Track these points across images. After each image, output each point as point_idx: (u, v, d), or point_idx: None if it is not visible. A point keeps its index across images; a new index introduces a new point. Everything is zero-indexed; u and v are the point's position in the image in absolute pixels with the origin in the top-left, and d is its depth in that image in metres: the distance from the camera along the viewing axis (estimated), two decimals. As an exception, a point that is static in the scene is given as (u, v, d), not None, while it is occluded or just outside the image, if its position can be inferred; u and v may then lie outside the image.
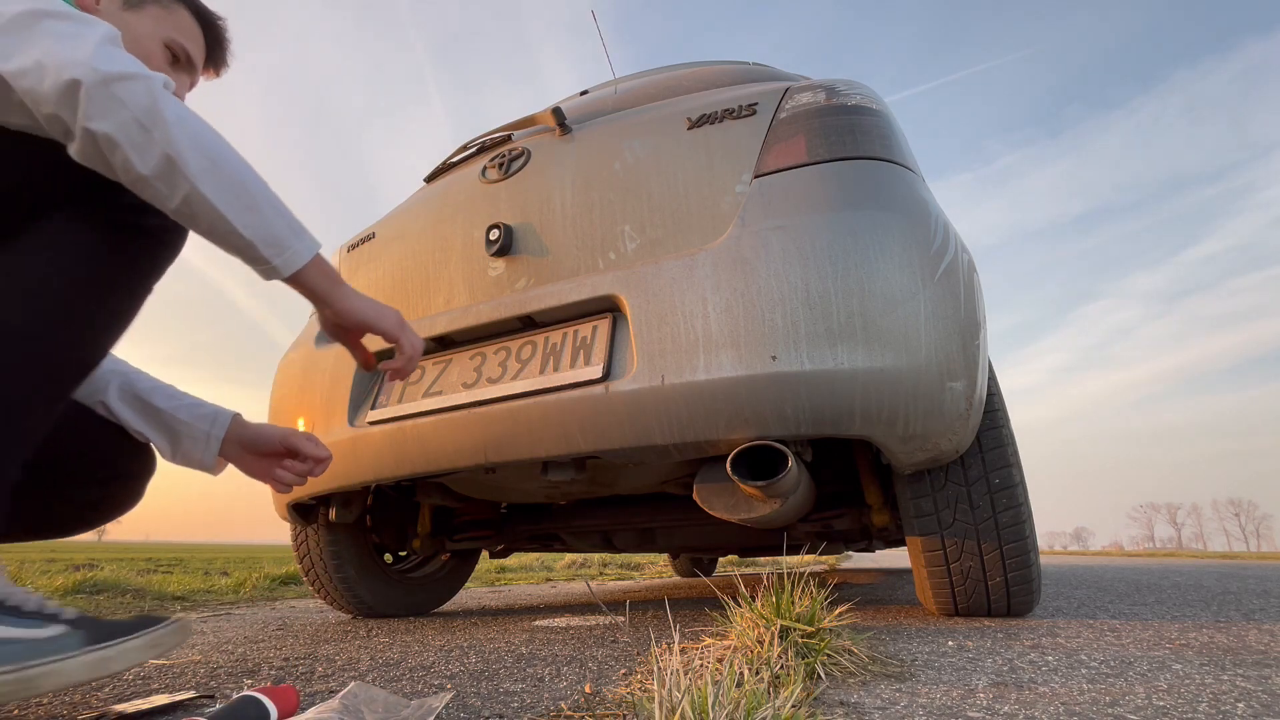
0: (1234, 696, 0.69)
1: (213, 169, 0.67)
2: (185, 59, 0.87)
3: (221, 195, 0.67)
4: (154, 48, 0.84)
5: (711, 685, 0.54)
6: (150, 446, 0.91)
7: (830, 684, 0.76)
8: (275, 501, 1.57)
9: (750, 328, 1.02)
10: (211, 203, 0.67)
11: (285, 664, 1.01)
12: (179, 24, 0.87)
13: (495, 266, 1.33)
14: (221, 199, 0.67)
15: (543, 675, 0.86)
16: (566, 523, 1.89)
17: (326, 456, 0.95)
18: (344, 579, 1.73)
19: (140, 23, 0.83)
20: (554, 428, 1.12)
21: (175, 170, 0.65)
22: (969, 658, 0.91)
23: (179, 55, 0.87)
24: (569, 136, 1.38)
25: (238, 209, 0.68)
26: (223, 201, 0.67)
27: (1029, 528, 1.22)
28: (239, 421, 0.93)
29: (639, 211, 1.22)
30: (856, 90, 1.23)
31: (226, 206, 0.67)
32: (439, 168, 1.64)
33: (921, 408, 1.02)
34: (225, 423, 0.92)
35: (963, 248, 1.15)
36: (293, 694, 0.63)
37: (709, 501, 1.14)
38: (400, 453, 1.27)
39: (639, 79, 1.71)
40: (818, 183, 1.10)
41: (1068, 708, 0.65)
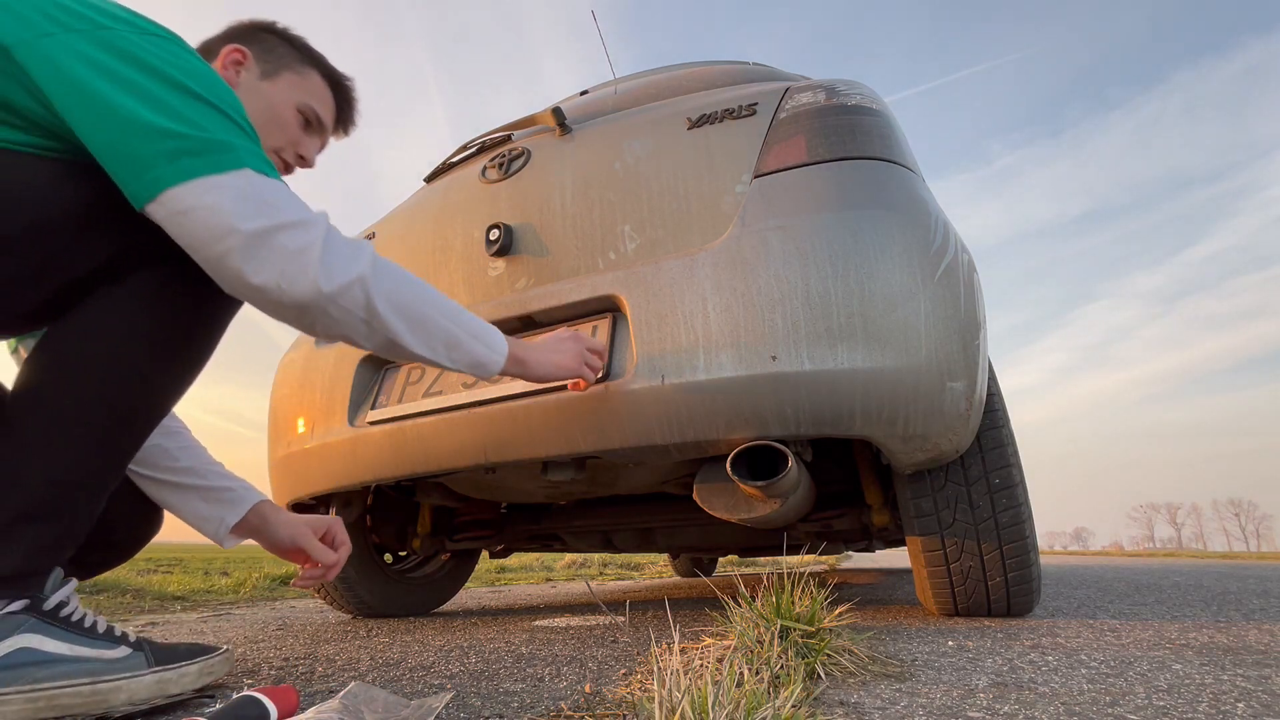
0: (1234, 696, 0.69)
1: (424, 331, 0.79)
2: (317, 122, 0.94)
3: (432, 347, 0.80)
4: (289, 114, 0.90)
5: (711, 685, 0.54)
6: (161, 512, 0.95)
7: (830, 684, 0.76)
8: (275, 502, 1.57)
9: (750, 328, 1.02)
10: (425, 356, 0.80)
11: (285, 664, 1.01)
12: (311, 88, 0.93)
13: (495, 266, 1.33)
14: (432, 350, 0.80)
15: (543, 675, 0.86)
16: (566, 523, 1.89)
17: (334, 562, 0.98)
18: (344, 579, 1.73)
19: (276, 91, 0.89)
20: (554, 428, 1.12)
21: (395, 345, 0.77)
22: (969, 658, 0.91)
23: (311, 119, 0.93)
24: (569, 136, 1.38)
25: (444, 354, 0.81)
26: (431, 351, 0.80)
27: (1029, 528, 1.22)
28: (256, 511, 0.95)
29: (639, 211, 1.22)
30: (856, 90, 1.23)
31: (434, 354, 0.81)
32: (439, 168, 1.64)
33: (921, 408, 1.02)
34: (242, 512, 0.93)
35: (963, 248, 1.15)
36: (293, 694, 0.63)
37: (709, 501, 1.14)
38: (400, 453, 1.27)
39: (639, 79, 1.71)
40: (818, 183, 1.10)
41: (1068, 708, 0.65)
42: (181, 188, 0.62)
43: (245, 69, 0.88)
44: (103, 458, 0.71)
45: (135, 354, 0.70)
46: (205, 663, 0.77)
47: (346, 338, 0.75)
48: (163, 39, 0.67)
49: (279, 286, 0.67)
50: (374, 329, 0.74)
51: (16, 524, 0.66)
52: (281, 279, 0.66)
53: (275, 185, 0.67)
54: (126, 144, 0.62)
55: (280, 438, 1.49)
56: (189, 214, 0.63)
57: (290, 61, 0.91)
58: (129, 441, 0.73)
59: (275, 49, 0.91)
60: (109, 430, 0.70)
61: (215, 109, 0.66)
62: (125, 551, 0.96)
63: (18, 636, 0.65)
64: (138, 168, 0.62)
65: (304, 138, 0.93)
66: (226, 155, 0.64)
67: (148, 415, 0.74)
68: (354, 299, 0.71)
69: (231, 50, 0.87)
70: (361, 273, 0.71)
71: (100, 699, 0.66)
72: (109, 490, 0.73)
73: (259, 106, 0.87)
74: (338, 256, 0.69)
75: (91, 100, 0.61)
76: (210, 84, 0.67)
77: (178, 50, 0.67)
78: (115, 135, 0.62)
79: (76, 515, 0.70)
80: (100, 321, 0.69)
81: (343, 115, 0.98)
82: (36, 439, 0.67)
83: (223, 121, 0.66)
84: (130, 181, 0.63)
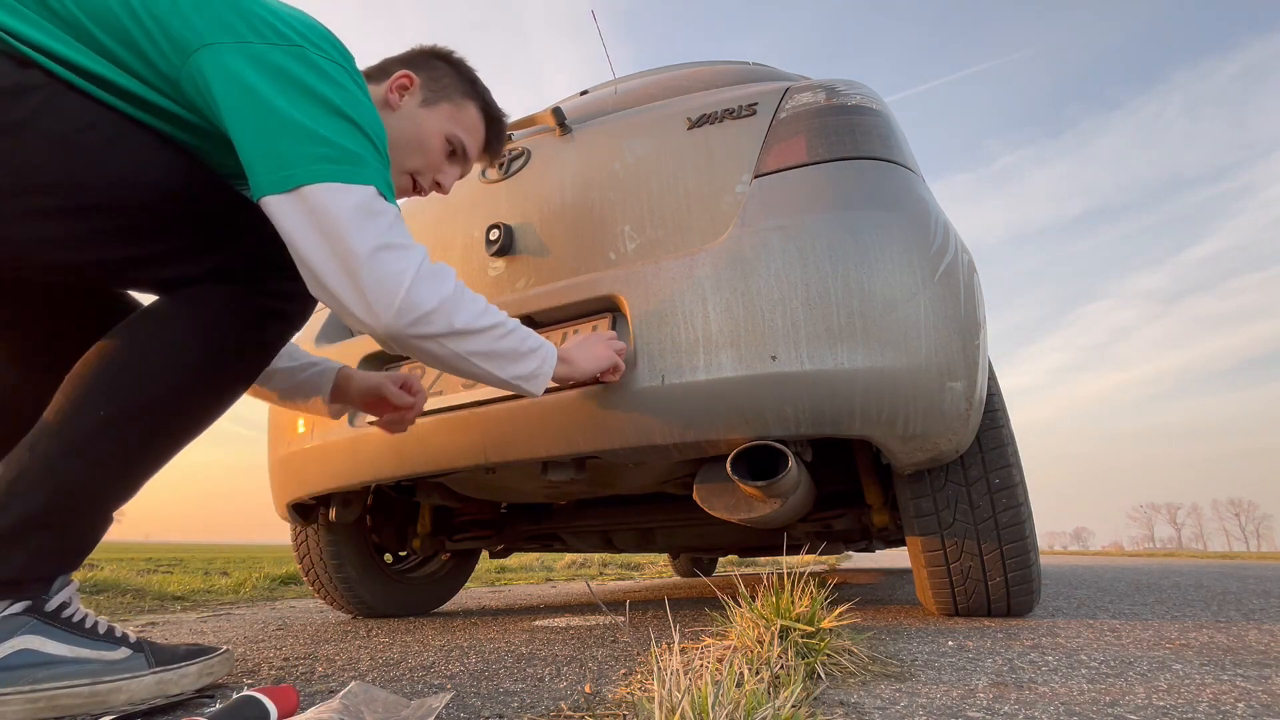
0: (1234, 696, 0.69)
1: (495, 359, 0.85)
2: (462, 152, 0.98)
3: (500, 368, 0.86)
4: (436, 142, 0.95)
5: (711, 685, 0.54)
6: None
7: (830, 684, 0.76)
8: (275, 501, 1.57)
9: (750, 327, 1.02)
10: (494, 375, 0.86)
11: (285, 664, 1.01)
12: (465, 120, 0.97)
13: (495, 266, 1.33)
14: (500, 370, 0.86)
15: (543, 675, 0.86)
16: (566, 523, 1.89)
17: (410, 405, 1.07)
18: (344, 579, 1.73)
19: (431, 118, 0.94)
20: (554, 428, 1.12)
21: (463, 370, 0.84)
22: (969, 658, 0.91)
23: (456, 149, 0.97)
24: (569, 136, 1.38)
25: (510, 373, 0.87)
26: (500, 369, 0.86)
27: (1029, 528, 1.22)
28: (341, 376, 1.07)
29: (639, 211, 1.22)
30: (856, 90, 1.22)
31: (502, 371, 0.87)
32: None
33: (921, 408, 1.02)
34: (330, 382, 1.06)
35: (963, 248, 1.15)
36: (293, 694, 0.63)
37: (709, 501, 1.14)
38: (400, 453, 1.27)
39: (639, 79, 1.71)
40: (818, 183, 1.10)
41: (1068, 708, 0.65)
42: (312, 187, 0.67)
43: (410, 94, 0.93)
44: (123, 476, 0.72)
45: (184, 377, 0.72)
46: (205, 663, 0.77)
47: (418, 357, 0.80)
48: (335, 63, 0.73)
49: (365, 310, 0.72)
50: (458, 369, 0.83)
51: (25, 531, 0.66)
52: (373, 298, 0.71)
53: (390, 207, 0.73)
54: (275, 139, 0.68)
55: (280, 437, 1.49)
56: (311, 213, 0.68)
57: (452, 93, 0.96)
58: (153, 463, 0.74)
59: (443, 78, 0.96)
60: (137, 449, 0.71)
61: (359, 130, 0.72)
62: None
63: (18, 638, 0.65)
64: (278, 161, 0.67)
65: (446, 165, 0.98)
66: (359, 169, 0.70)
67: (180, 437, 0.75)
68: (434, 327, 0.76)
69: (401, 75, 0.92)
70: (442, 303, 0.76)
71: (100, 700, 0.67)
72: (122, 504, 0.74)
73: (410, 130, 0.92)
74: (424, 285, 0.74)
75: (254, 100, 0.67)
76: (360, 109, 0.73)
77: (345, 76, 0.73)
78: (266, 130, 0.67)
79: (85, 527, 0.71)
80: (154, 338, 0.71)
81: (490, 149, 1.04)
82: (65, 445, 0.67)
83: (363, 141, 0.71)
84: (266, 171, 0.68)
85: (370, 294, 0.71)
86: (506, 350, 0.86)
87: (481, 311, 0.82)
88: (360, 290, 0.70)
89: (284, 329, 0.81)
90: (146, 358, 0.70)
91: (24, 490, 0.66)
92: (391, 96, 0.92)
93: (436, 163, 0.96)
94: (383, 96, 0.92)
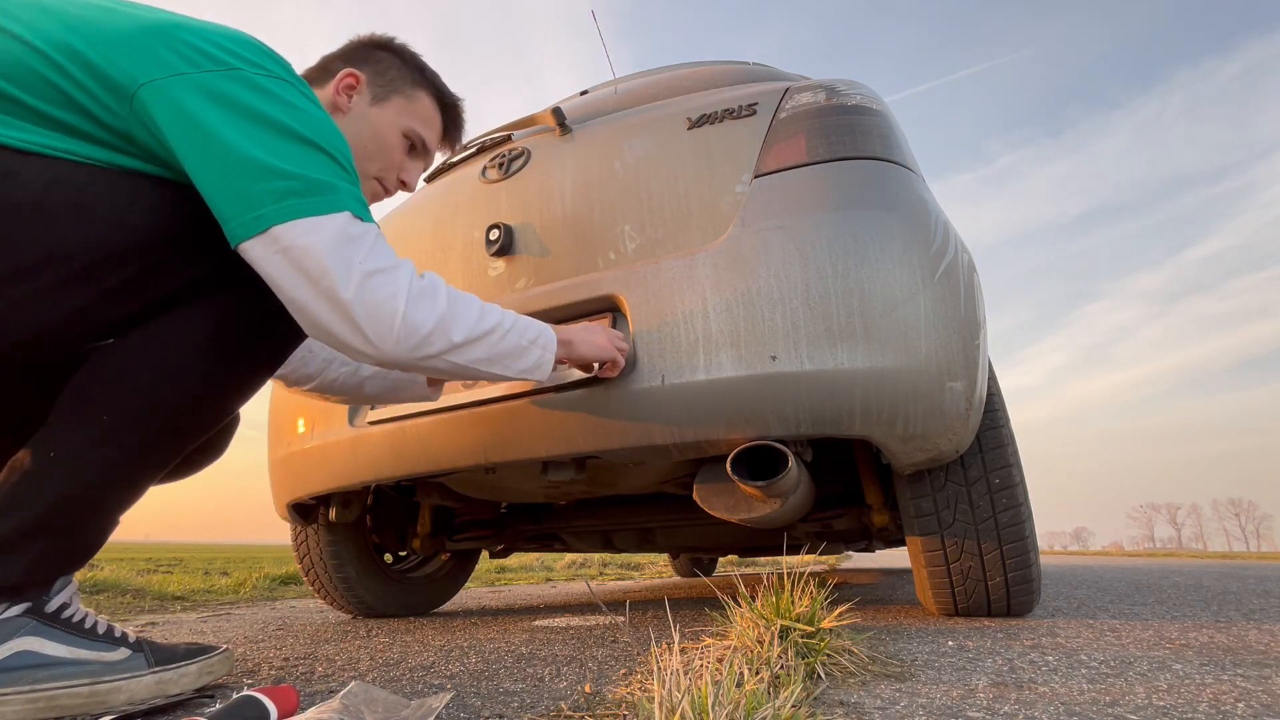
0: (1234, 696, 0.69)
1: (499, 361, 0.85)
2: (421, 146, 0.96)
3: (505, 368, 0.86)
4: (394, 139, 0.92)
5: (711, 685, 0.54)
6: None
7: (830, 684, 0.76)
8: (275, 501, 1.57)
9: (750, 328, 1.02)
10: (500, 375, 0.87)
11: (285, 664, 1.01)
12: (419, 112, 0.94)
13: (495, 266, 1.33)
14: (505, 370, 0.87)
15: (543, 675, 0.86)
16: (566, 523, 1.89)
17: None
18: (344, 579, 1.72)
19: (384, 116, 0.91)
20: (554, 428, 1.12)
21: (468, 375, 0.84)
22: (969, 658, 0.91)
23: (416, 143, 0.95)
24: (569, 136, 1.38)
25: (510, 367, 0.87)
26: (504, 370, 0.87)
27: (1029, 528, 1.22)
28: None
29: (639, 211, 1.22)
30: (856, 90, 1.22)
31: (506, 370, 0.87)
32: (439, 167, 1.64)
33: (921, 408, 1.02)
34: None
35: (963, 248, 1.15)
36: (293, 694, 0.63)
37: (709, 501, 1.14)
38: (400, 453, 1.27)
39: (639, 79, 1.71)
40: (818, 182, 1.10)
41: (1068, 708, 0.65)
42: (283, 227, 0.65)
43: (358, 93, 0.90)
44: (128, 481, 0.71)
45: (189, 380, 0.71)
46: (205, 662, 0.77)
47: (423, 372, 0.81)
48: (277, 79, 0.69)
49: (364, 341, 0.71)
50: (462, 371, 0.82)
51: (25, 537, 0.66)
52: (366, 334, 0.70)
53: (369, 228, 0.71)
54: (236, 181, 0.64)
55: (280, 437, 1.49)
56: (287, 253, 0.66)
57: (401, 85, 0.93)
58: (157, 466, 0.73)
59: (389, 70, 0.92)
60: (140, 454, 0.70)
61: (322, 152, 0.69)
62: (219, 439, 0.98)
63: (18, 639, 0.65)
64: (244, 204, 0.65)
65: (407, 162, 0.95)
66: (328, 197, 0.67)
67: (185, 440, 0.74)
68: (435, 346, 0.76)
69: (346, 75, 0.89)
70: (439, 321, 0.75)
71: (100, 700, 0.67)
72: (126, 509, 0.73)
73: (365, 133, 0.89)
74: (420, 304, 0.73)
75: (207, 139, 0.64)
76: (314, 125, 0.69)
77: (293, 92, 0.70)
78: (226, 172, 0.64)
79: (88, 531, 0.71)
80: (156, 343, 0.70)
81: (448, 135, 1.00)
82: (67, 452, 0.67)
83: (325, 162, 0.69)
84: (234, 216, 0.65)
85: (366, 327, 0.69)
86: (509, 349, 0.85)
87: (478, 318, 0.81)
88: (355, 325, 0.69)
89: (296, 329, 0.80)
90: (148, 362, 0.69)
91: (25, 496, 0.66)
92: (339, 99, 0.88)
93: (398, 161, 0.93)
94: (330, 100, 0.88)
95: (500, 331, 0.84)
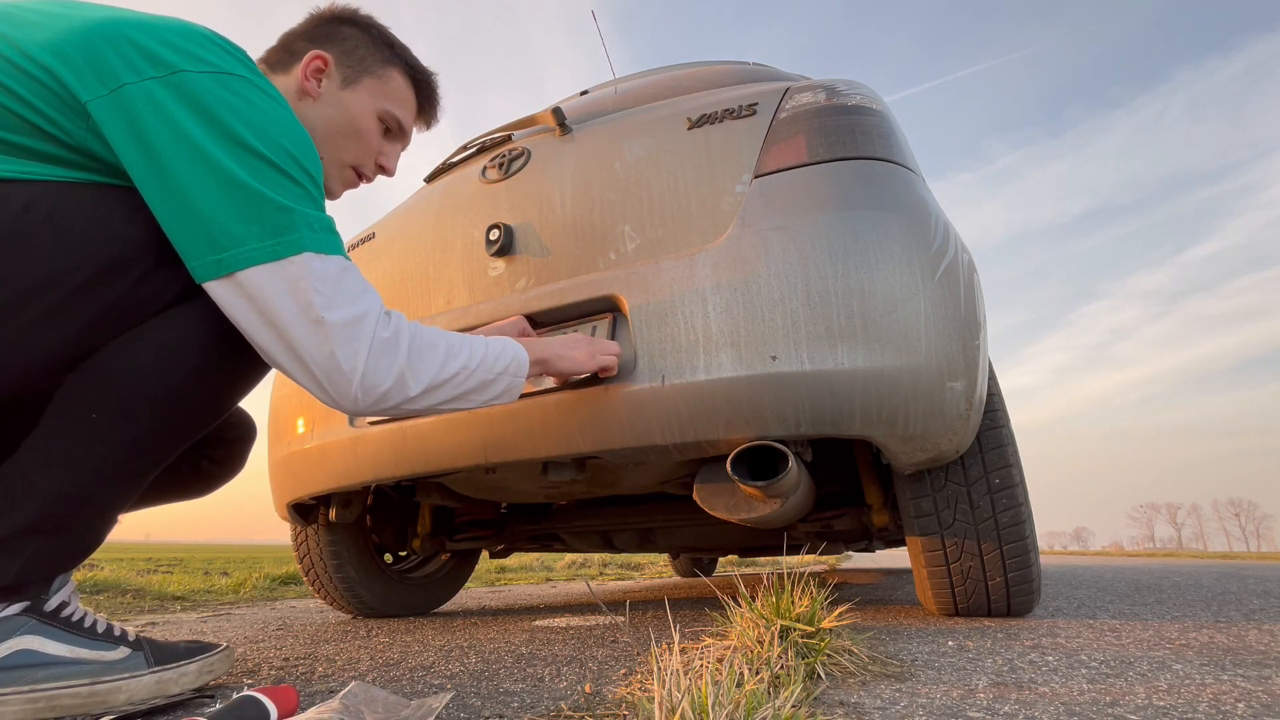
0: (1234, 696, 0.69)
1: (465, 398, 0.83)
2: (398, 128, 0.93)
3: (471, 402, 0.85)
4: (369, 124, 0.89)
5: (711, 685, 0.54)
6: (248, 412, 1.01)
7: (830, 684, 0.76)
8: (275, 501, 1.57)
9: (750, 328, 1.02)
10: (466, 408, 0.86)
11: (285, 664, 1.01)
12: (393, 92, 0.91)
13: (495, 266, 1.33)
14: (471, 403, 0.85)
15: (543, 675, 0.86)
16: (566, 523, 1.89)
17: None
18: (344, 579, 1.72)
19: (356, 100, 0.87)
20: (554, 428, 1.12)
21: (435, 411, 0.83)
22: (969, 658, 0.91)
23: (392, 126, 0.92)
24: (569, 136, 1.38)
25: (475, 400, 0.85)
26: (471, 403, 0.85)
27: (1029, 528, 1.22)
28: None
29: (639, 211, 1.22)
30: (856, 90, 1.22)
31: (472, 404, 0.86)
32: (439, 168, 1.64)
33: (921, 408, 1.02)
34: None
35: (963, 248, 1.15)
36: (293, 694, 0.63)
37: (709, 501, 1.14)
38: (400, 453, 1.27)
39: (639, 79, 1.71)
40: (818, 183, 1.10)
41: (1068, 708, 0.65)
42: (245, 273, 0.64)
43: (327, 77, 0.86)
44: (121, 478, 0.70)
45: (179, 377, 0.70)
46: (205, 661, 0.77)
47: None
48: (231, 76, 0.66)
49: (325, 393, 0.71)
50: (418, 410, 0.80)
51: (21, 536, 0.66)
52: (328, 386, 0.70)
53: (333, 262, 0.69)
54: (192, 220, 0.63)
55: (280, 437, 1.49)
56: (250, 300, 0.65)
57: (371, 64, 0.89)
58: (151, 464, 0.72)
59: (357, 49, 0.88)
60: (130, 452, 0.69)
61: (276, 169, 0.66)
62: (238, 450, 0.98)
63: (18, 638, 0.65)
64: (203, 245, 0.64)
65: (385, 146, 0.93)
66: (289, 235, 0.65)
67: (178, 438, 0.73)
68: (394, 400, 0.75)
69: (314, 58, 0.84)
70: (398, 378, 0.74)
71: (99, 700, 0.67)
72: (122, 508, 0.73)
73: (338, 119, 0.86)
74: (383, 359, 0.72)
75: (161, 171, 0.62)
76: (274, 133, 0.67)
77: (246, 88, 0.67)
78: (182, 211, 0.63)
79: (85, 530, 0.70)
80: (144, 341, 0.69)
81: (424, 112, 0.97)
82: (59, 451, 0.67)
83: (284, 184, 0.66)
84: (195, 257, 0.64)
85: (325, 383, 0.69)
86: (474, 386, 0.84)
87: (441, 365, 0.79)
88: (315, 380, 0.69)
89: None
90: (141, 360, 0.68)
91: (20, 495, 0.66)
92: (308, 85, 0.84)
93: (375, 145, 0.90)
94: (297, 86, 0.84)
95: (465, 373, 0.82)
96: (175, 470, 0.93)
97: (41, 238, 0.61)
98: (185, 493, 0.97)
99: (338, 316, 0.68)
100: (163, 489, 0.94)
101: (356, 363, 0.69)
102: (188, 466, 0.94)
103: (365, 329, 0.70)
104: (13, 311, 0.60)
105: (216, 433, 0.95)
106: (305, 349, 0.67)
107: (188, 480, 0.95)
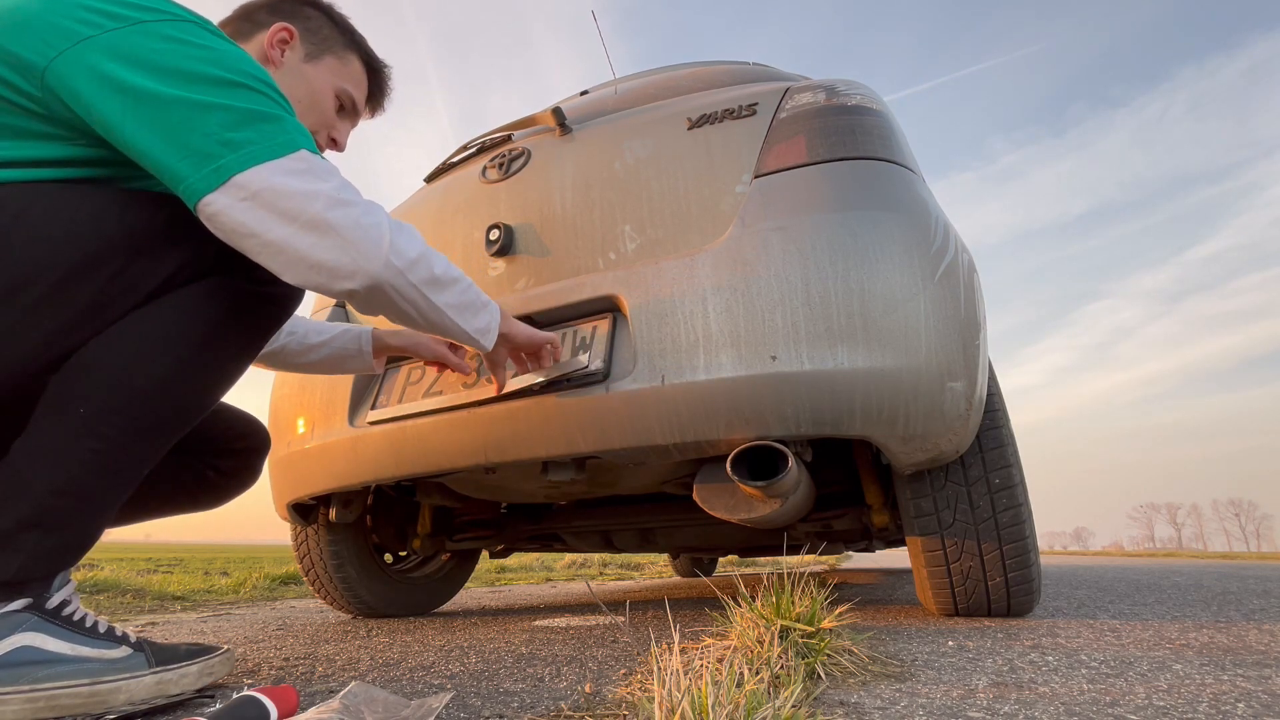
0: (1234, 696, 0.69)
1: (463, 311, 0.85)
2: (351, 106, 0.96)
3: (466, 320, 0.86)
4: (327, 99, 0.92)
5: (711, 685, 0.54)
6: (262, 423, 1.04)
7: (830, 684, 0.76)
8: (275, 501, 1.57)
9: (750, 328, 1.02)
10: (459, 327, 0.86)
11: (285, 664, 1.01)
12: (349, 73, 0.95)
13: (495, 266, 1.33)
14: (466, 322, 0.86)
15: (543, 675, 0.86)
16: (566, 523, 1.89)
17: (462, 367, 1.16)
18: (344, 579, 1.72)
19: (318, 74, 0.91)
20: (554, 428, 1.12)
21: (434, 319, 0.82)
22: (969, 658, 0.91)
23: (346, 104, 0.95)
24: (569, 136, 1.38)
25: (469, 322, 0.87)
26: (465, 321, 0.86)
27: (1029, 528, 1.22)
28: (377, 335, 1.15)
29: (639, 211, 1.22)
30: (857, 90, 1.23)
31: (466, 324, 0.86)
32: (439, 168, 1.64)
33: (921, 408, 1.02)
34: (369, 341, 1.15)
35: (963, 248, 1.15)
36: (293, 694, 0.63)
37: (709, 501, 1.14)
38: (400, 453, 1.27)
39: (639, 79, 1.71)
40: (818, 183, 1.10)
41: (1068, 708, 0.65)
42: (247, 173, 0.63)
43: (291, 48, 0.88)
44: (113, 472, 0.70)
45: (163, 367, 0.70)
46: (205, 663, 0.77)
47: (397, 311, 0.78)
48: (191, 24, 0.67)
49: (353, 261, 0.69)
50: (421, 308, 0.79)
51: (19, 531, 0.66)
52: (357, 253, 0.69)
53: (329, 165, 0.70)
54: (181, 136, 0.62)
55: (280, 437, 1.49)
56: (258, 198, 0.63)
57: (334, 45, 0.92)
58: (140, 458, 0.72)
59: (321, 29, 0.92)
60: (119, 445, 0.69)
61: (254, 90, 0.66)
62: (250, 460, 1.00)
63: (19, 635, 0.65)
64: (197, 158, 0.62)
65: (338, 121, 0.95)
66: (281, 137, 0.66)
67: (168, 430, 0.73)
68: (419, 274, 0.75)
69: (280, 28, 0.87)
70: (423, 253, 0.76)
71: (100, 699, 0.66)
72: (119, 502, 0.73)
73: (300, 89, 0.89)
74: (403, 233, 0.73)
75: (137, 99, 0.61)
76: (243, 65, 0.67)
77: (207, 36, 0.67)
78: (167, 129, 0.62)
79: (81, 525, 0.70)
80: (130, 333, 0.69)
81: (374, 98, 1.00)
82: (49, 447, 0.67)
83: (267, 101, 0.67)
84: (190, 173, 0.63)
85: (356, 245, 0.68)
86: (471, 301, 0.86)
87: (449, 263, 0.83)
88: (343, 244, 0.67)
89: (274, 311, 0.79)
90: (123, 352, 0.68)
91: (14, 492, 0.66)
92: (272, 53, 0.87)
93: (330, 119, 0.93)
94: (261, 52, 0.87)
95: (465, 284, 0.85)
96: (180, 480, 0.93)
97: (12, 240, 0.61)
98: (194, 504, 0.97)
99: (354, 196, 0.69)
100: (169, 499, 0.94)
101: (383, 226, 0.71)
102: (193, 476, 0.94)
103: (379, 207, 0.72)
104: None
105: (224, 441, 0.95)
106: (332, 220, 0.66)
107: (194, 490, 0.95)
